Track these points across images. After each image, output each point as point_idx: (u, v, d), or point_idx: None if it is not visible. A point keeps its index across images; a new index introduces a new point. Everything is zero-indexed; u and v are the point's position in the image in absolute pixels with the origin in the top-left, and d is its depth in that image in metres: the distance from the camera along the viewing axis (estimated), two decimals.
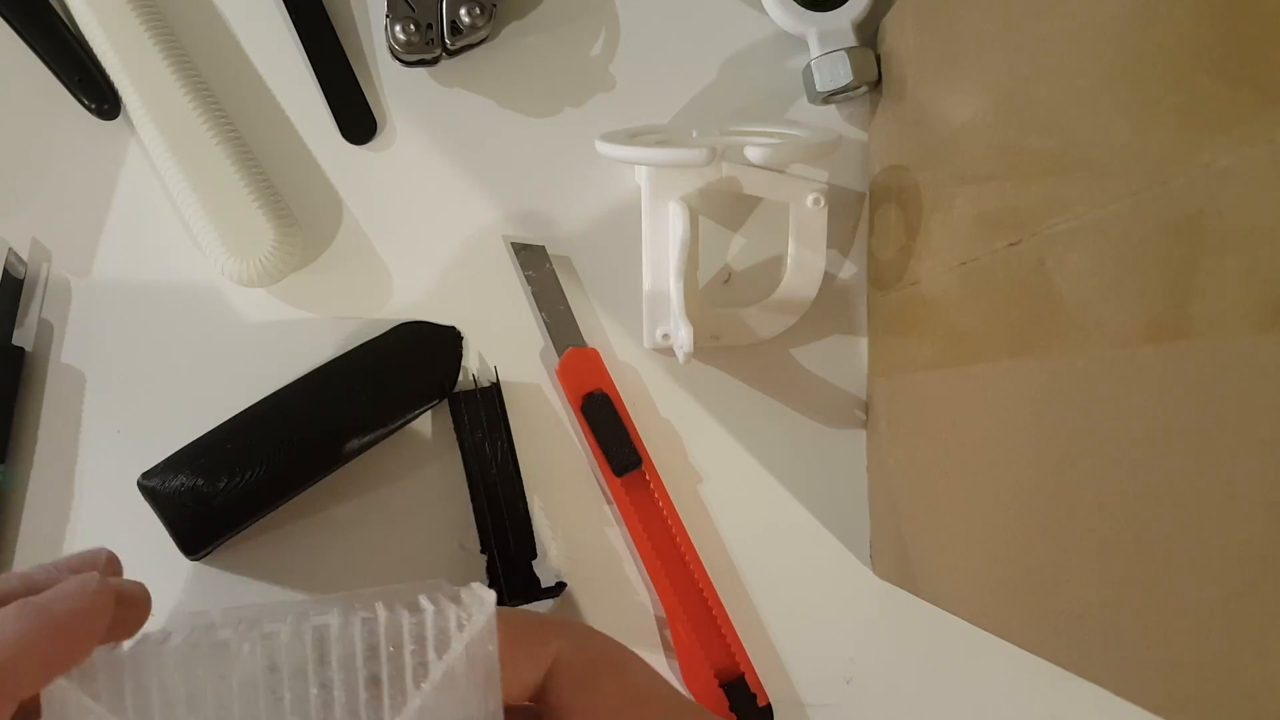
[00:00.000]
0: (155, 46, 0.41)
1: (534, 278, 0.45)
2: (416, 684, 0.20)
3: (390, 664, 0.20)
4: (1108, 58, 0.26)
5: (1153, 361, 0.24)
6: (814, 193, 0.43)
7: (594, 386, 0.44)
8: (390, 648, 0.20)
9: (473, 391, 0.44)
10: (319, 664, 0.20)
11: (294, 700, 0.19)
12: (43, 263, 0.43)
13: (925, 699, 0.46)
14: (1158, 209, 0.24)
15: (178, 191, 0.41)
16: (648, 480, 0.44)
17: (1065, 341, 0.28)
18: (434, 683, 0.20)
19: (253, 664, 0.19)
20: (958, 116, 0.36)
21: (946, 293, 0.37)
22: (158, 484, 0.39)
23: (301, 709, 0.19)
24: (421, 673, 0.20)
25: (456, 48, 0.43)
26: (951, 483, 0.37)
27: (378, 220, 0.45)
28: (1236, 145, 0.21)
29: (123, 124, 0.43)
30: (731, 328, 0.44)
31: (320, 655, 0.20)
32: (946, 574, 0.38)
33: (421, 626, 0.20)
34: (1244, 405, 0.21)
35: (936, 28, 0.38)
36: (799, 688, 0.46)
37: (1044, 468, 0.30)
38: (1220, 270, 0.22)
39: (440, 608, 0.21)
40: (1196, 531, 0.23)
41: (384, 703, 0.20)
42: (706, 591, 0.44)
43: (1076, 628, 0.28)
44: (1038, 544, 0.31)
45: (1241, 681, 0.21)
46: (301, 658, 0.20)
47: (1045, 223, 0.29)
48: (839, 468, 0.46)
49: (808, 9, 0.44)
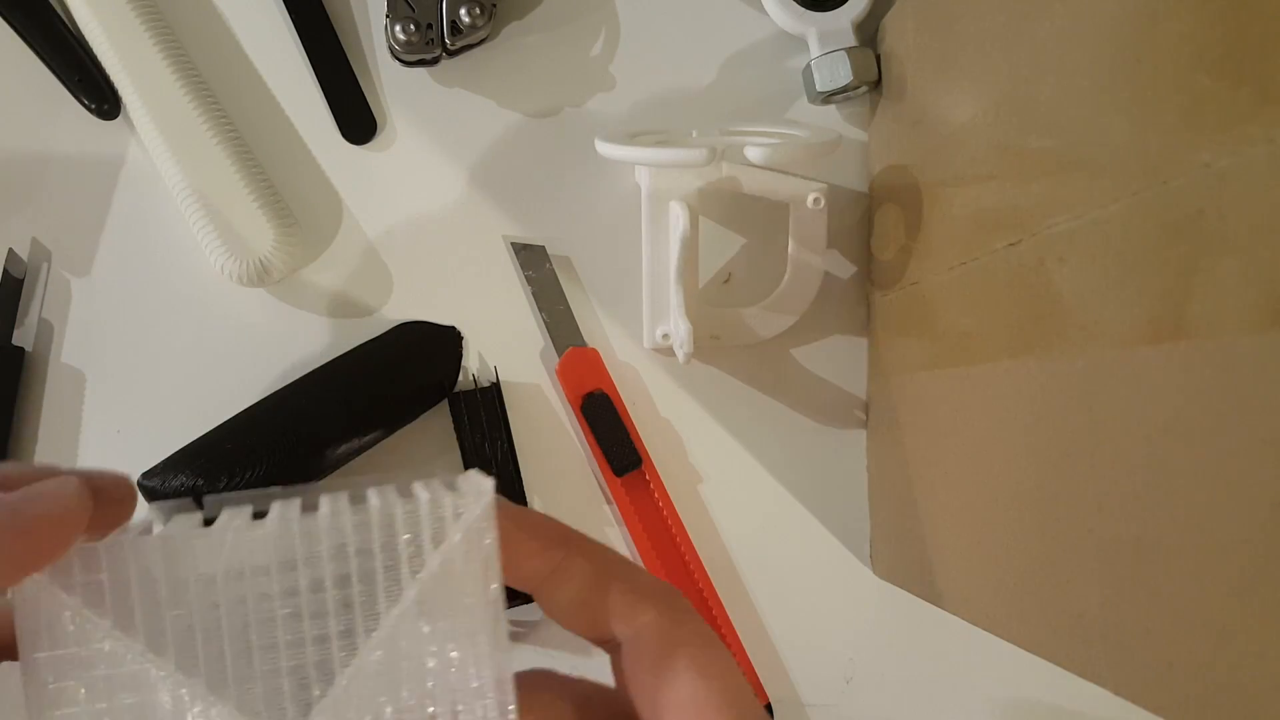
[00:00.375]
0: (155, 46, 0.41)
1: (534, 278, 0.45)
2: (412, 574, 0.19)
3: (384, 554, 0.19)
4: (1108, 58, 0.26)
5: (1153, 361, 0.24)
6: (814, 193, 0.43)
7: (594, 386, 0.44)
8: (384, 537, 0.19)
9: (473, 391, 0.44)
10: (309, 555, 0.19)
11: (283, 593, 0.19)
12: (43, 263, 0.43)
13: (925, 699, 0.46)
14: (1158, 209, 0.24)
15: (178, 191, 0.41)
16: (648, 480, 0.44)
17: (1065, 341, 0.28)
18: (431, 572, 0.19)
19: (238, 556, 0.18)
20: (958, 116, 0.36)
21: (946, 293, 0.37)
22: (158, 484, 0.39)
23: (291, 602, 0.19)
24: (417, 563, 0.19)
25: (456, 48, 0.43)
26: (952, 483, 0.37)
27: (378, 220, 0.45)
28: (1236, 145, 0.21)
29: (123, 124, 0.43)
30: (731, 328, 0.44)
31: (310, 546, 0.19)
32: (946, 574, 0.38)
33: (416, 515, 0.19)
34: (1244, 405, 0.21)
35: (936, 28, 0.38)
36: (799, 688, 0.46)
37: (1044, 468, 0.30)
38: (1220, 270, 0.22)
39: (435, 496, 0.19)
40: (1197, 531, 0.23)
41: (379, 594, 0.19)
42: (706, 591, 0.44)
43: (1077, 628, 0.28)
44: (1038, 544, 0.31)
45: (1241, 681, 0.21)
46: (290, 549, 0.19)
47: (1045, 223, 0.29)
48: (839, 468, 0.46)
49: (808, 9, 0.44)
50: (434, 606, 0.19)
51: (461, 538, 0.19)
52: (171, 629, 0.18)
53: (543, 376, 0.45)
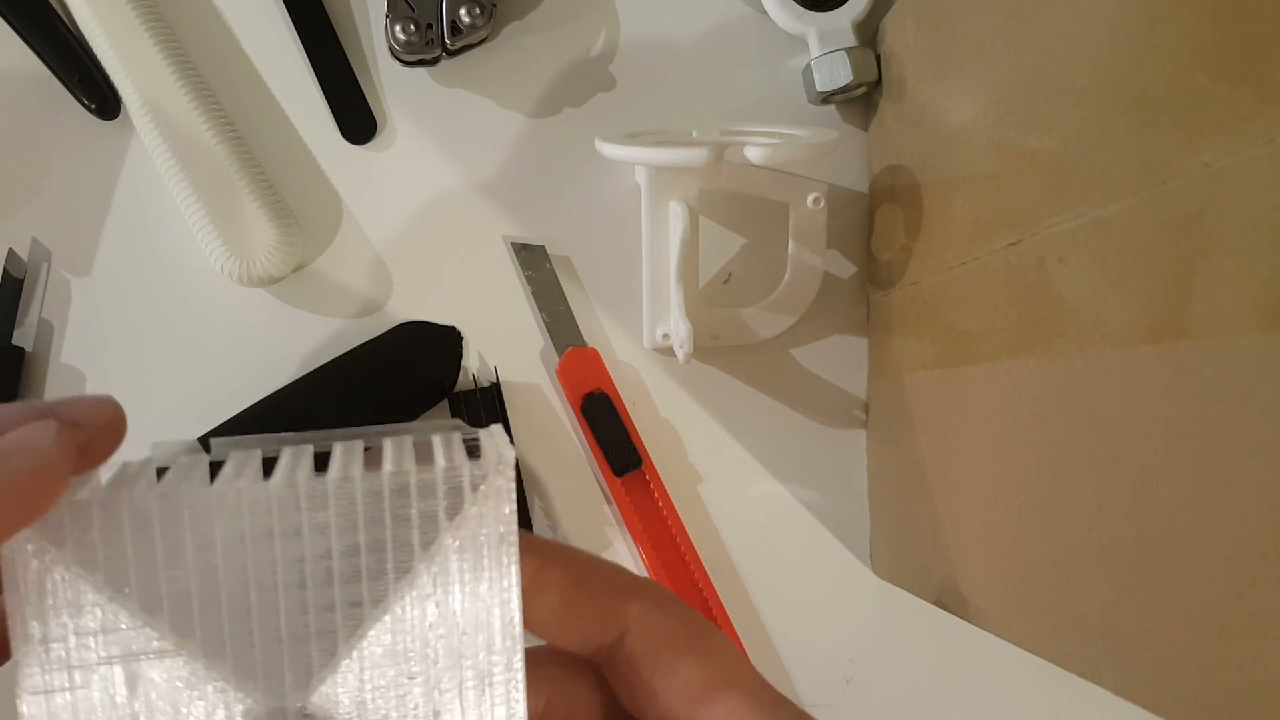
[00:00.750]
0: (155, 46, 0.41)
1: (534, 278, 0.45)
2: (424, 546, 0.18)
3: (395, 525, 0.18)
4: (1108, 58, 0.26)
5: (1153, 361, 0.24)
6: (814, 193, 0.43)
7: (594, 386, 0.44)
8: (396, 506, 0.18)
9: (473, 391, 0.44)
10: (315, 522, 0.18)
11: (286, 560, 0.18)
12: (43, 263, 0.43)
13: (925, 699, 0.46)
14: (1158, 209, 0.24)
15: (178, 191, 0.41)
16: (648, 480, 0.44)
17: (1065, 341, 0.28)
18: (444, 546, 0.18)
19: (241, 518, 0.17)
20: (958, 116, 0.36)
21: (946, 293, 0.37)
22: None
23: (295, 569, 0.18)
24: (430, 533, 0.18)
25: (456, 48, 0.43)
26: (952, 483, 0.37)
27: (378, 220, 0.45)
28: (1236, 145, 0.21)
29: (123, 124, 0.43)
30: (731, 328, 0.44)
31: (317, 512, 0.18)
32: (947, 574, 0.38)
33: (432, 484, 0.18)
34: (1244, 405, 0.21)
35: (936, 28, 0.38)
36: (799, 688, 0.45)
37: (1044, 468, 0.30)
38: (1220, 270, 0.22)
39: (453, 460, 0.18)
40: (1197, 531, 0.23)
41: (388, 565, 0.18)
42: (706, 591, 0.44)
43: (1077, 627, 0.28)
44: (1038, 544, 0.31)
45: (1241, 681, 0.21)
46: (296, 513, 0.18)
47: (1045, 223, 0.29)
48: (839, 468, 0.46)
49: (808, 9, 0.44)
50: (445, 580, 0.18)
51: (478, 510, 0.18)
52: (167, 591, 0.17)
53: (543, 376, 0.45)
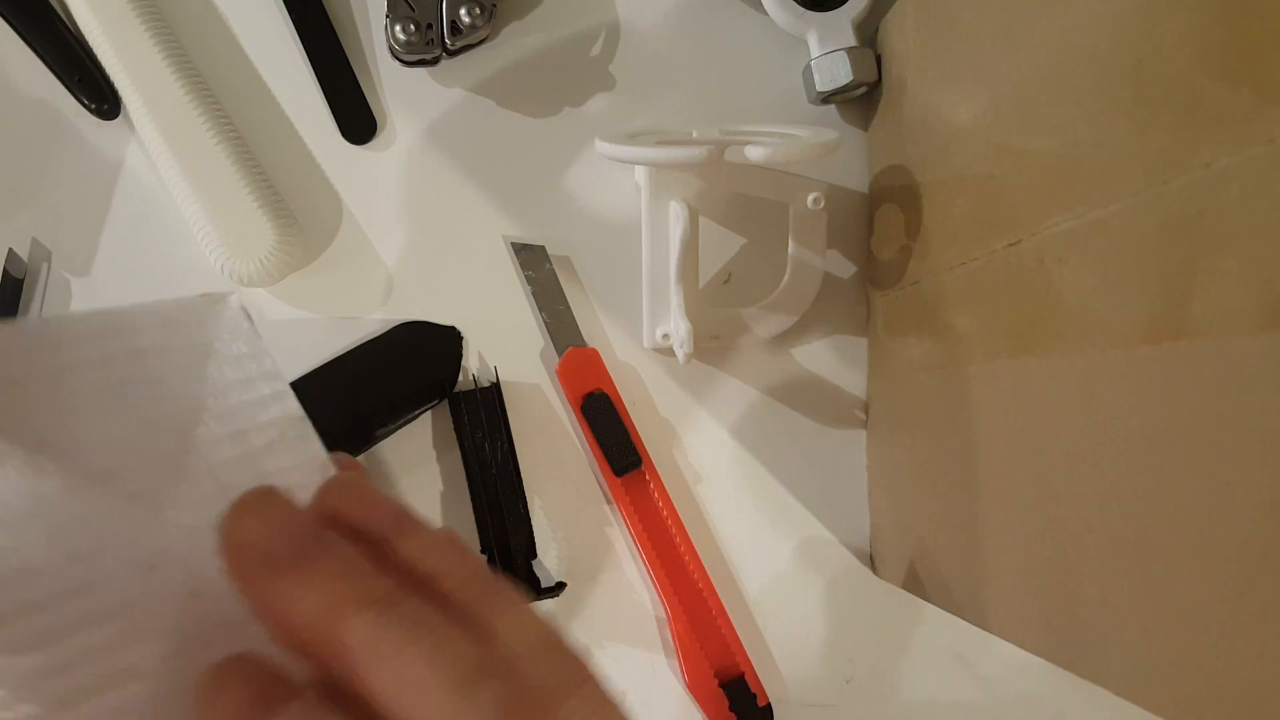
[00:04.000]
0: (155, 46, 0.41)
1: (534, 278, 0.45)
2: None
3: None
4: (1108, 57, 0.26)
5: (1153, 361, 0.24)
6: (814, 193, 0.43)
7: (594, 386, 0.44)
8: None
9: (473, 391, 0.44)
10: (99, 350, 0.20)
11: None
12: (43, 263, 0.43)
13: (925, 699, 0.46)
14: (1158, 209, 0.24)
15: (178, 191, 0.41)
16: (648, 480, 0.44)
17: (1065, 341, 0.28)
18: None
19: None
20: (958, 116, 0.36)
21: (946, 293, 0.37)
22: None
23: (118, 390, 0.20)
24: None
25: (456, 48, 0.43)
26: (952, 482, 0.37)
27: (378, 220, 0.45)
28: (1236, 145, 0.21)
29: (123, 124, 0.43)
30: (731, 328, 0.44)
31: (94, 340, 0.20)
32: (947, 574, 0.38)
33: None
34: (1244, 405, 0.21)
35: (936, 28, 0.38)
36: (799, 688, 0.45)
37: (1044, 468, 0.30)
38: (1220, 270, 0.22)
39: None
40: (1197, 531, 0.23)
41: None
42: (706, 591, 0.44)
43: (1077, 628, 0.28)
44: (1038, 544, 0.31)
45: (1241, 681, 0.21)
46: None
47: (1045, 223, 0.29)
48: (839, 468, 0.46)
49: (808, 9, 0.44)
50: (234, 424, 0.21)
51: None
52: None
53: (543, 376, 0.45)
